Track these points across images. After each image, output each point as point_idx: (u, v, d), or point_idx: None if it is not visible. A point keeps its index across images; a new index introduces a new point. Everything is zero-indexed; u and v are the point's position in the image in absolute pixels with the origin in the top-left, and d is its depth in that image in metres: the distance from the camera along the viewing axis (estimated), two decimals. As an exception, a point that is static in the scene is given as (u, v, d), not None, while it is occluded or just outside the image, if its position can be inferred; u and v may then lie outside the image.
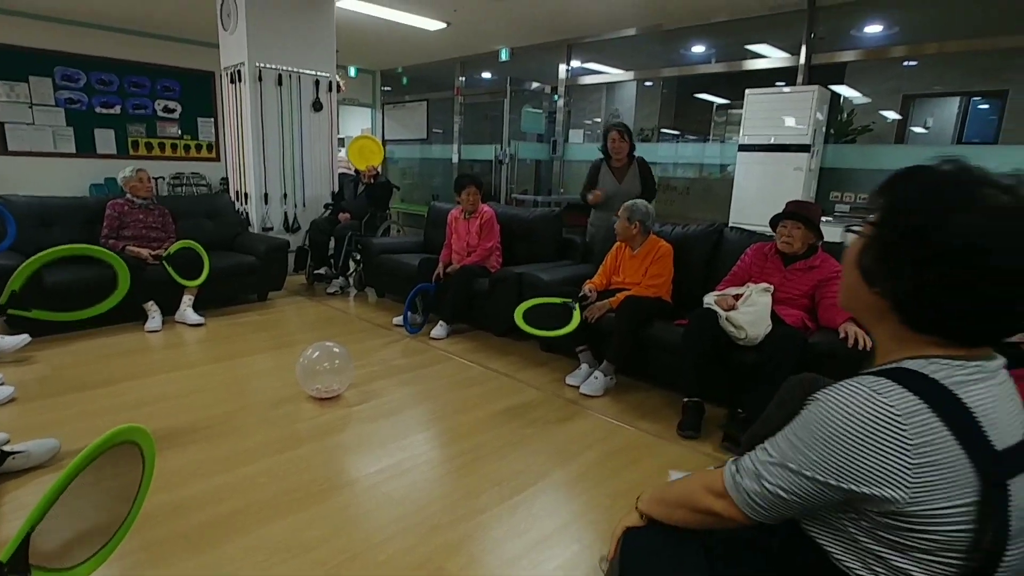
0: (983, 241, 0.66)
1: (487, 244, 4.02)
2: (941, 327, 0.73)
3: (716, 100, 7.05)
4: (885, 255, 0.75)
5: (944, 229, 0.68)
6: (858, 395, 0.71)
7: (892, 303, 0.75)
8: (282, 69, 5.03)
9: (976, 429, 0.69)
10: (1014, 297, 0.67)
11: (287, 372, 3.02)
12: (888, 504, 0.69)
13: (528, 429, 2.58)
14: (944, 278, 0.68)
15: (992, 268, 0.66)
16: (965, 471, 0.67)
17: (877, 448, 0.69)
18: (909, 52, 5.11)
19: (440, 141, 8.40)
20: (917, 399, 0.69)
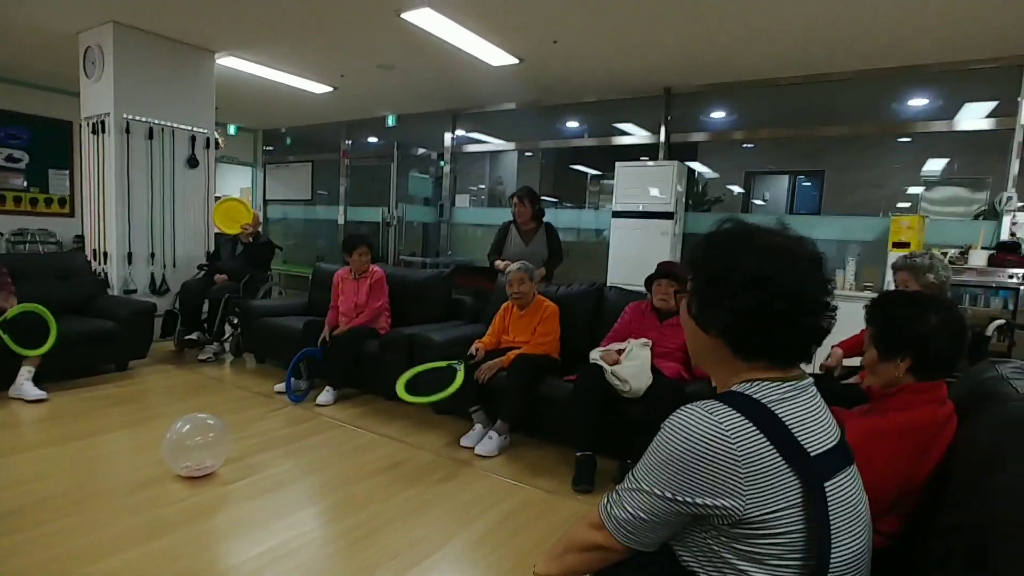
0: (766, 271, 0.85)
1: (376, 304, 3.97)
2: (762, 349, 0.88)
3: (590, 171, 7.65)
4: (705, 301, 0.91)
5: (738, 268, 0.87)
6: (693, 417, 0.83)
7: (724, 339, 0.89)
8: (154, 122, 4.76)
9: (792, 439, 0.81)
10: (798, 312, 0.85)
11: (151, 450, 2.72)
12: (730, 513, 0.79)
13: (424, 495, 2.52)
14: (748, 304, 0.85)
15: (777, 290, 0.84)
16: (787, 476, 0.79)
17: (711, 461, 0.79)
18: (747, 136, 5.96)
19: (326, 202, 8.25)
20: (741, 417, 0.81)
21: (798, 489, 0.80)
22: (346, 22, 4.26)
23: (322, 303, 4.33)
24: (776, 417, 0.82)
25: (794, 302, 0.85)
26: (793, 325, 0.86)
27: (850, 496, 0.86)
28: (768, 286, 0.84)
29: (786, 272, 0.85)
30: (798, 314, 0.85)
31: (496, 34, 4.33)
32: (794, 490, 0.79)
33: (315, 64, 5.37)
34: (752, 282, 0.85)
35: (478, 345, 3.30)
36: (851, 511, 0.86)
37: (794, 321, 0.85)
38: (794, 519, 0.79)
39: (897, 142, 6.26)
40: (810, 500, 0.80)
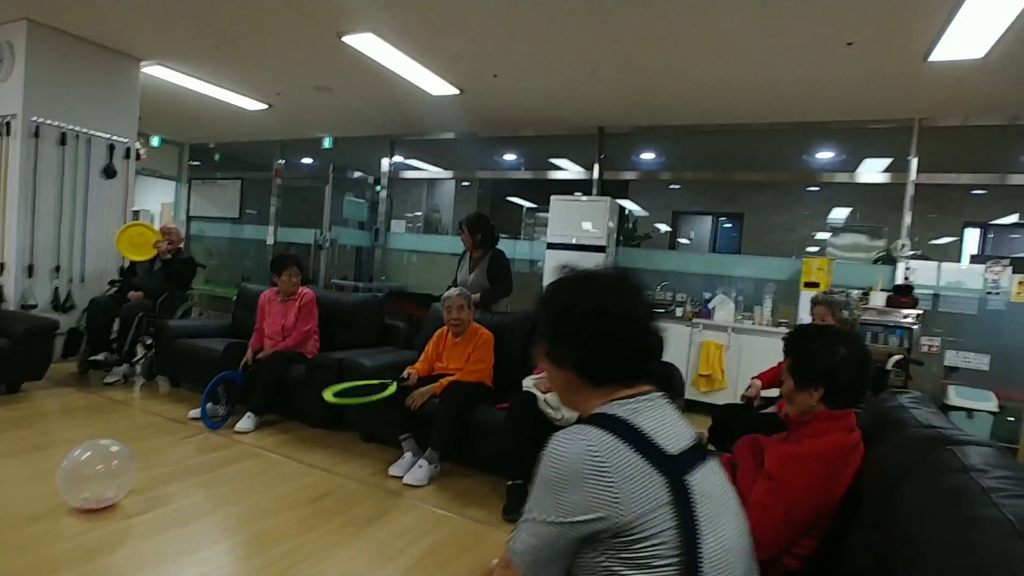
0: (600, 303, 0.99)
1: (305, 328, 3.84)
2: (608, 373, 0.99)
3: (526, 203, 7.81)
4: (554, 338, 1.03)
5: (578, 303, 1.00)
6: (563, 442, 0.90)
7: (576, 371, 1.00)
8: (67, 128, 4.46)
9: (650, 443, 0.91)
10: (631, 334, 0.98)
11: (43, 481, 2.47)
12: (611, 524, 0.85)
13: (349, 528, 2.42)
14: (590, 334, 0.97)
15: (611, 318, 0.97)
16: (652, 476, 0.87)
17: (584, 477, 0.86)
18: (674, 177, 6.30)
19: (255, 222, 7.95)
20: (605, 432, 0.89)
21: (664, 487, 0.88)
22: (285, 41, 4.20)
23: (246, 325, 4.14)
24: (633, 427, 0.92)
25: (626, 326, 0.98)
26: (630, 346, 0.98)
27: (713, 487, 0.95)
28: (604, 315, 0.97)
29: (618, 301, 0.99)
30: (632, 336, 0.98)
31: (438, 64, 4.39)
32: (660, 489, 0.87)
33: (250, 80, 5.24)
34: (590, 313, 0.98)
35: (411, 371, 3.25)
36: (716, 500, 0.94)
37: (630, 342, 0.98)
38: (665, 517, 0.86)
39: (807, 190, 6.79)
40: (675, 495, 0.88)
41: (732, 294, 5.11)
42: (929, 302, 4.51)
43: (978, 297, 4.41)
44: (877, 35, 3.35)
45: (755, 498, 1.36)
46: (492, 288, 4.12)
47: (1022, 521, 0.74)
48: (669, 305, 5.27)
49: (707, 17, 3.32)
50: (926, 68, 3.68)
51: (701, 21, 3.38)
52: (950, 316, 4.51)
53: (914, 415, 1.31)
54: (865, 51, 3.56)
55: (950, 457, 0.98)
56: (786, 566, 1.36)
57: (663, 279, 5.50)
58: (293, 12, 3.69)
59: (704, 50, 3.76)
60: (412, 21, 3.68)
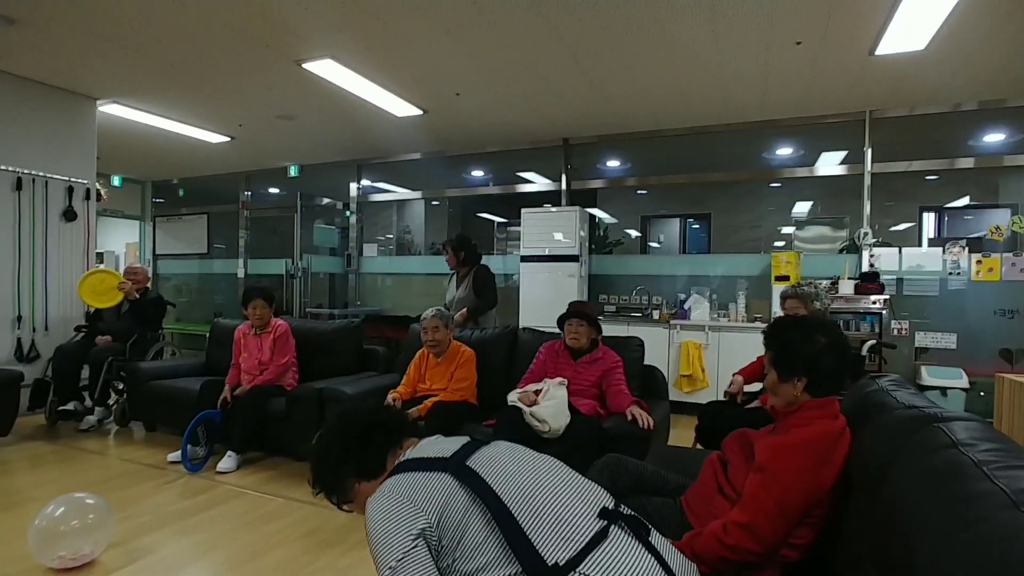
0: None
1: (282, 360, 3.76)
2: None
3: (496, 218, 7.83)
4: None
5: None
6: (374, 497, 1.14)
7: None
8: (23, 172, 4.34)
9: (428, 459, 1.18)
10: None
11: (13, 543, 2.36)
12: (438, 543, 1.05)
13: (341, 560, 2.36)
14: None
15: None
16: (439, 478, 1.11)
17: (395, 511, 1.07)
18: (639, 183, 6.38)
19: (224, 255, 7.81)
20: (396, 475, 1.18)
21: (455, 483, 1.09)
22: (243, 71, 4.16)
23: (222, 362, 4.04)
24: (413, 459, 1.21)
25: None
26: None
27: (498, 454, 1.19)
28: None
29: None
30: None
31: (399, 86, 4.40)
32: (453, 486, 1.08)
33: (210, 113, 5.17)
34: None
35: (394, 395, 3.21)
36: (503, 460, 1.16)
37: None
38: (472, 506, 1.06)
39: (769, 187, 6.96)
40: (466, 481, 1.08)
41: (706, 293, 5.18)
42: (894, 287, 4.64)
43: (939, 278, 4.55)
44: (824, 33, 3.47)
45: (748, 492, 1.37)
46: (479, 301, 4.21)
47: (1017, 492, 0.75)
48: (645, 309, 5.32)
49: (658, 26, 3.41)
50: (872, 62, 3.83)
51: (653, 31, 3.46)
52: (915, 299, 4.64)
53: (896, 397, 1.34)
54: (814, 49, 3.68)
55: (937, 434, 1.00)
56: (784, 557, 1.37)
57: (637, 283, 5.55)
58: (249, 42, 3.67)
59: (657, 59, 3.85)
60: (370, 45, 3.69)
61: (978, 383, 4.26)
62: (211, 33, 3.56)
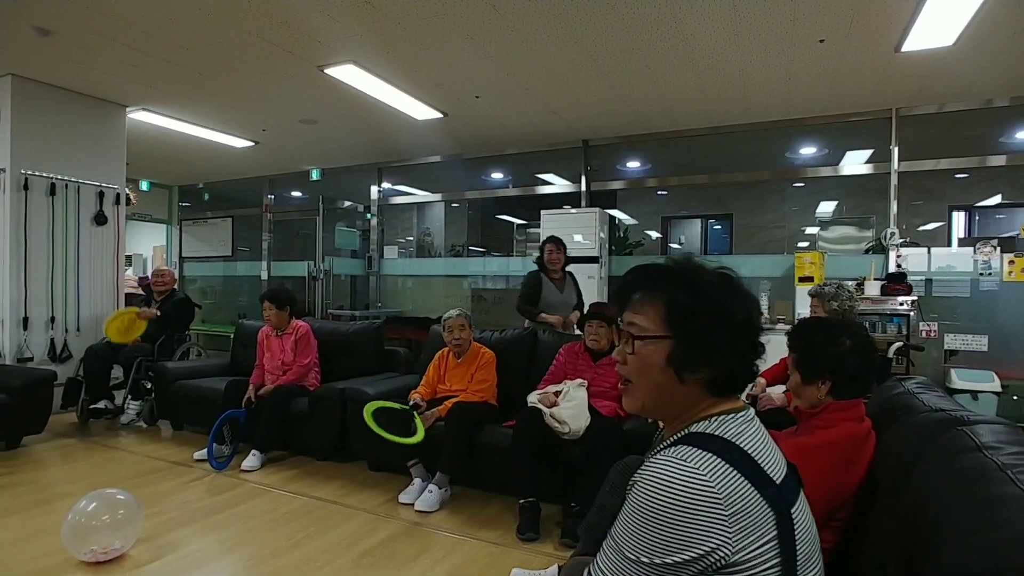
0: (748, 314, 0.90)
1: (304, 361, 3.82)
2: (736, 382, 0.90)
3: (516, 220, 7.85)
4: (697, 346, 0.88)
5: (731, 312, 0.88)
6: (668, 468, 0.79)
7: (711, 382, 0.88)
8: (56, 178, 4.47)
9: (761, 471, 0.81)
10: (755, 337, 0.91)
11: (47, 537, 2.43)
12: (717, 560, 0.76)
13: (364, 560, 2.38)
14: (734, 345, 0.88)
15: (753, 328, 0.90)
16: (763, 510, 0.79)
17: (696, 510, 0.75)
18: (660, 183, 6.35)
19: (248, 258, 7.95)
20: (716, 457, 0.79)
21: (772, 521, 0.79)
22: (267, 78, 4.24)
23: (246, 363, 4.11)
24: (743, 451, 0.82)
25: (753, 329, 0.90)
26: (755, 351, 0.91)
27: (808, 521, 0.88)
28: (754, 323, 0.90)
29: (752, 310, 0.91)
30: (755, 339, 0.91)
31: (419, 89, 4.44)
32: (769, 523, 0.79)
33: (235, 119, 5.27)
34: (743, 321, 0.88)
35: (416, 395, 3.23)
36: (811, 536, 0.87)
37: (755, 347, 0.91)
38: (770, 553, 0.79)
39: (792, 187, 6.86)
40: (781, 530, 0.80)
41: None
42: (922, 288, 4.54)
43: (970, 279, 4.44)
44: (849, 31, 3.41)
45: None
46: (578, 304, 4.12)
47: (1041, 495, 0.74)
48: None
49: (678, 26, 3.38)
50: (899, 59, 3.75)
51: (673, 31, 3.44)
52: (944, 300, 4.53)
53: (922, 400, 1.31)
54: (837, 47, 3.62)
55: (962, 437, 0.98)
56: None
57: (658, 285, 5.50)
58: (273, 49, 3.74)
59: (677, 58, 3.82)
60: (391, 50, 3.73)
61: (1011, 387, 4.14)
62: (236, 41, 3.64)
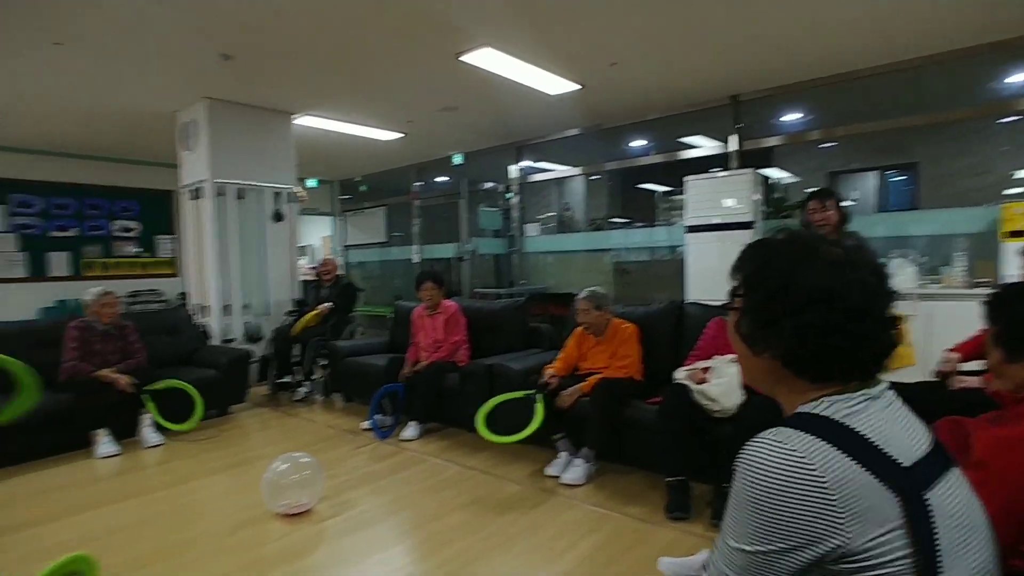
0: (831, 285, 0.77)
1: (454, 338, 4.02)
2: (829, 370, 0.79)
3: (658, 188, 7.50)
4: (760, 320, 0.83)
5: (798, 283, 0.79)
6: (765, 452, 0.73)
7: (781, 360, 0.81)
8: (243, 184, 5.15)
9: (875, 451, 0.72)
10: (867, 328, 0.78)
11: (250, 491, 2.84)
12: (835, 547, 0.70)
13: (512, 528, 2.47)
14: (812, 323, 0.77)
15: (843, 306, 0.77)
16: (882, 493, 0.70)
17: (797, 494, 0.70)
18: (824, 135, 5.63)
19: (400, 243, 8.56)
20: (818, 439, 0.72)
21: (897, 507, 0.71)
22: (409, 72, 4.45)
23: (403, 340, 4.44)
24: (855, 432, 0.74)
25: (861, 318, 0.78)
26: (864, 343, 0.78)
27: (958, 506, 0.76)
28: (834, 302, 0.77)
29: (852, 286, 0.78)
30: (867, 330, 0.78)
31: (555, 63, 4.38)
32: (893, 509, 0.70)
33: (384, 114, 5.63)
34: (816, 298, 0.78)
35: (550, 370, 3.25)
36: (962, 523, 0.75)
37: (864, 338, 0.78)
38: (898, 542, 0.70)
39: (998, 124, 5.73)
40: (911, 517, 0.71)
41: (911, 256, 4.45)
42: None
43: None
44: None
45: None
46: None
47: None
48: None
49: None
50: None
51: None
52: None
53: None
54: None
55: None
56: (1013, 567, 1.13)
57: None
58: (415, 44, 3.90)
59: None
60: (525, 27, 3.71)
61: None
62: (380, 41, 3.85)
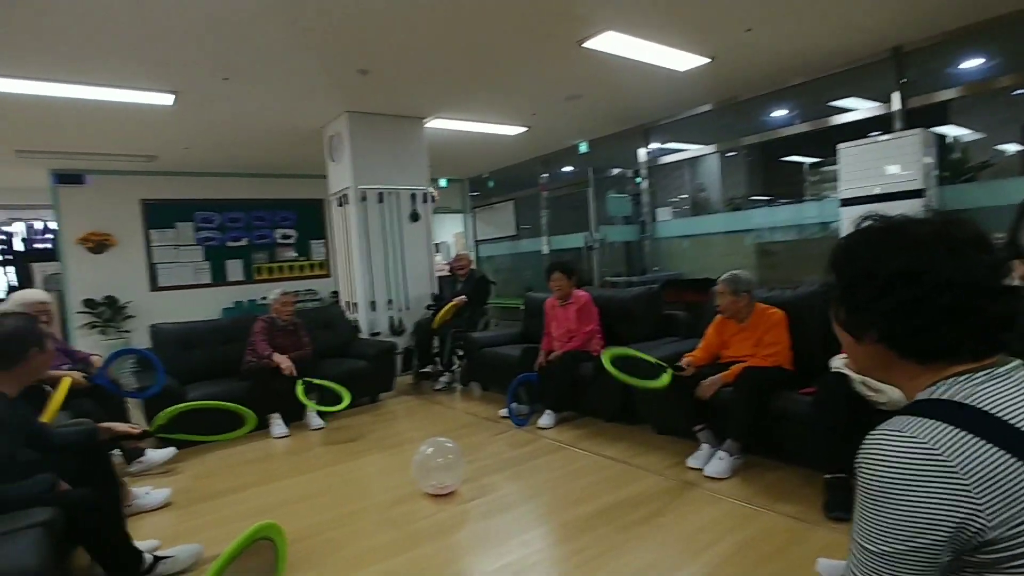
0: (914, 264, 0.76)
1: (587, 328, 3.99)
2: (935, 349, 0.76)
3: (806, 160, 6.84)
4: (851, 306, 0.83)
5: (882, 265, 0.78)
6: (886, 444, 0.71)
7: (886, 344, 0.79)
8: (382, 188, 5.53)
9: (1006, 427, 0.68)
10: (964, 303, 0.73)
11: (401, 471, 3.05)
12: (973, 535, 0.66)
13: (652, 519, 2.40)
14: (902, 302, 0.76)
15: (934, 282, 0.74)
16: (1019, 470, 0.66)
17: (926, 484, 0.67)
18: (1016, 80, 4.77)
19: (529, 235, 8.69)
20: (938, 422, 0.69)
21: None
22: (532, 65, 4.48)
23: (535, 331, 4.49)
24: (981, 411, 0.70)
25: (960, 292, 0.73)
26: (970, 317, 0.74)
27: None
28: (919, 278, 0.75)
29: (943, 260, 0.75)
30: (963, 304, 0.73)
31: (682, 38, 4.16)
32: None
33: (508, 109, 5.74)
34: (900, 278, 0.76)
35: (689, 359, 3.10)
36: None
37: (970, 312, 0.73)
38: None
39: None
40: None
41: None
42: None
43: None
44: None
45: None
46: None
47: None
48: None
49: None
50: None
51: None
52: None
53: None
54: None
55: None
56: None
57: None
58: (536, 36, 3.91)
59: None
60: (648, 5, 3.56)
61: None
62: (505, 38, 3.92)
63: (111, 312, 6.71)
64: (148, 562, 2.08)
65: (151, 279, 7.06)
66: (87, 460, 2.19)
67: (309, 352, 4.32)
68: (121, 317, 6.76)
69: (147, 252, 7.04)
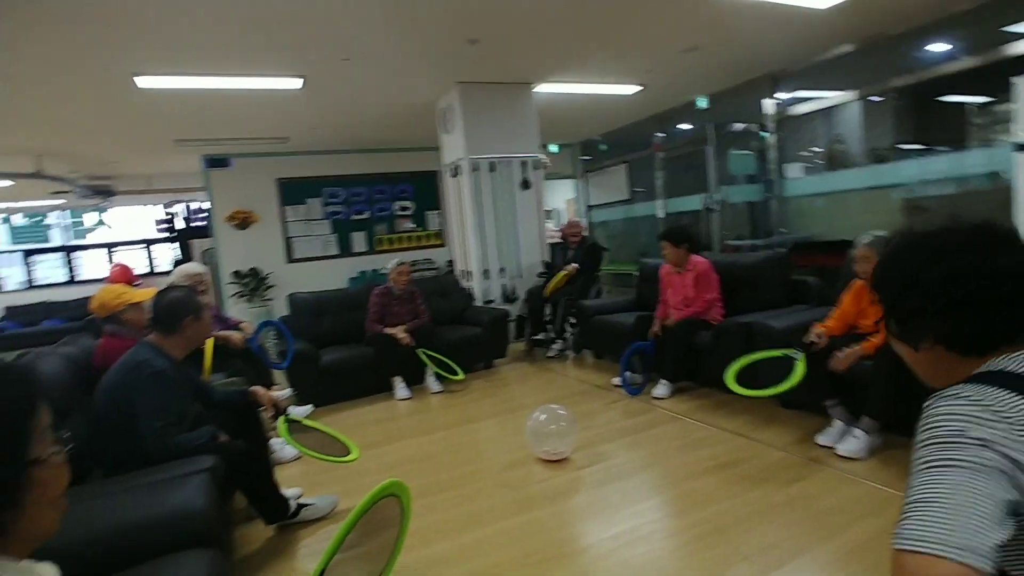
0: (953, 267, 0.80)
1: (706, 296, 3.79)
2: (987, 338, 0.79)
3: (970, 99, 5.92)
4: (899, 316, 0.87)
5: (920, 274, 0.82)
6: (936, 405, 0.75)
7: (944, 345, 0.82)
8: (494, 157, 5.58)
9: None
10: (1009, 291, 0.77)
11: (515, 435, 3.13)
12: None
13: (775, 497, 2.27)
14: (947, 305, 0.80)
15: (974, 279, 0.78)
16: None
17: (979, 426, 0.69)
18: None
19: (643, 199, 8.38)
20: (997, 388, 0.72)
21: None
22: (646, 17, 4.23)
23: (649, 298, 4.37)
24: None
25: (999, 282, 0.78)
26: (1013, 305, 0.78)
27: None
28: (960, 279, 0.79)
29: (979, 258, 0.79)
30: (1013, 292, 0.78)
31: (814, -31, 3.72)
32: None
33: (621, 68, 5.49)
34: (942, 282, 0.80)
35: (820, 329, 2.84)
36: None
37: (1012, 301, 0.78)
38: None
39: None
40: None
41: None
42: None
43: None
44: None
45: None
46: None
47: None
48: None
49: None
50: None
51: None
52: None
53: None
54: None
55: None
56: None
57: None
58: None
59: None
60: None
61: None
62: (611, -10, 3.73)
63: (255, 282, 7.46)
64: (293, 508, 2.34)
65: (287, 252, 7.73)
66: (241, 416, 2.47)
67: (426, 320, 4.52)
68: (264, 287, 7.49)
69: (283, 227, 7.70)
